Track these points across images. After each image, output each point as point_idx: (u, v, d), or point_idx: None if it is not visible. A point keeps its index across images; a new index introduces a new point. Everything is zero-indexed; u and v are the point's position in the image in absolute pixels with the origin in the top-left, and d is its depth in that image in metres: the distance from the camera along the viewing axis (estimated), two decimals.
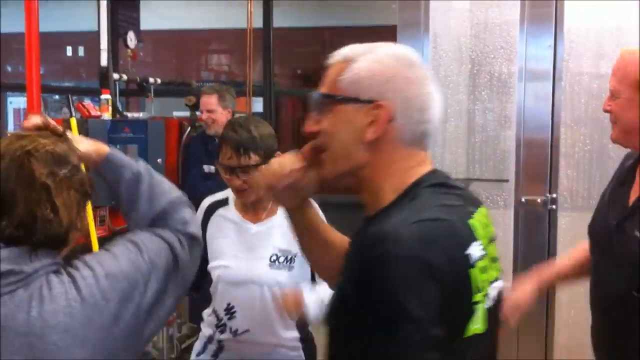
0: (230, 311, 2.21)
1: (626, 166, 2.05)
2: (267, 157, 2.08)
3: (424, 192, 1.17)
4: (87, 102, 3.53)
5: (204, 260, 2.27)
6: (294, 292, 2.06)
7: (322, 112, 1.22)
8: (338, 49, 1.32)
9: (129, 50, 3.93)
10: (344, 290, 1.12)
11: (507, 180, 3.54)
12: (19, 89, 5.88)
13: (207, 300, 2.33)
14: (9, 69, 7.66)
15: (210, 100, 4.11)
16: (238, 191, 2.19)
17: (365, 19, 7.01)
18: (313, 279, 2.22)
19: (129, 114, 3.94)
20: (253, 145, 2.12)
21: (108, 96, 3.62)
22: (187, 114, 4.58)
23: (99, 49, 4.26)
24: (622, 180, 2.02)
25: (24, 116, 5.18)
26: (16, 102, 6.11)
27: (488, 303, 1.15)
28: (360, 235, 1.19)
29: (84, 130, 3.38)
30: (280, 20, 5.83)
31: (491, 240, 1.22)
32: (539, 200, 3.44)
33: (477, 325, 1.11)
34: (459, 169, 3.62)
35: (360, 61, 1.20)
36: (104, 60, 3.74)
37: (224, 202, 2.30)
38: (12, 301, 1.16)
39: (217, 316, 2.25)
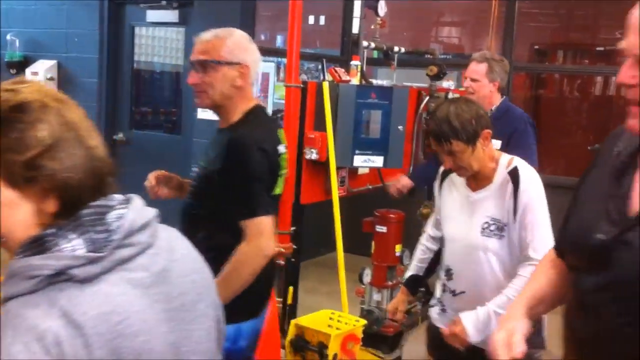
0: (449, 273, 2.42)
1: (620, 154, 1.43)
2: (469, 140, 2.23)
3: (257, 115, 2.24)
4: (338, 68, 3.70)
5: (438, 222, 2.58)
6: (456, 325, 2.25)
7: (207, 70, 2.17)
8: (581, 22, 1.36)
9: (379, 19, 4.03)
10: (212, 171, 2.17)
11: None
12: (268, 53, 6.31)
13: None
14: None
15: (477, 69, 3.59)
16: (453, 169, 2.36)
17: None
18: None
19: (374, 81, 4.06)
20: (453, 135, 2.23)
21: (358, 62, 3.76)
22: (420, 84, 4.59)
23: (339, 19, 4.41)
24: (615, 173, 1.41)
25: (283, 79, 5.53)
26: (259, 66, 6.54)
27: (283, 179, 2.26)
28: (223, 137, 2.17)
29: (335, 94, 3.57)
30: None
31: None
32: None
33: (279, 189, 2.23)
34: None
35: (230, 39, 2.18)
36: (355, 28, 3.88)
37: None
38: (163, 243, 1.12)
39: (441, 276, 2.48)
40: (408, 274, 2.81)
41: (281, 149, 2.23)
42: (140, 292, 1.02)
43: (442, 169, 2.51)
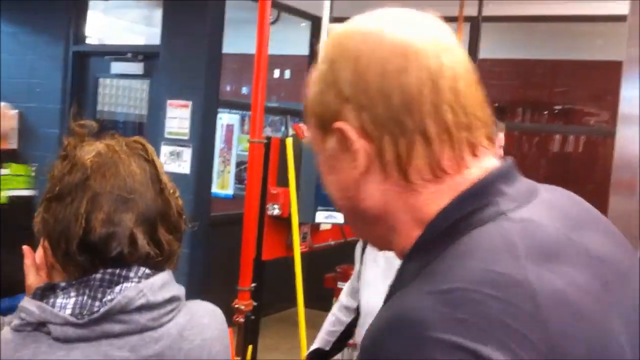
0: None
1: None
2: None
3: None
4: (302, 123, 3.72)
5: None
6: None
7: None
8: (539, 80, 1.27)
9: None
10: None
11: None
12: (233, 106, 6.35)
13: None
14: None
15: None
16: None
17: (585, 52, 6.70)
18: None
19: None
20: None
21: None
22: None
23: (306, 72, 4.42)
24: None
25: (247, 130, 5.54)
26: (224, 118, 6.57)
27: None
28: None
29: (298, 150, 3.57)
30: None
31: None
32: None
33: None
34: None
35: None
36: None
37: None
38: (174, 329, 1.05)
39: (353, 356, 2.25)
40: (313, 346, 2.47)
41: None
42: None
43: None
